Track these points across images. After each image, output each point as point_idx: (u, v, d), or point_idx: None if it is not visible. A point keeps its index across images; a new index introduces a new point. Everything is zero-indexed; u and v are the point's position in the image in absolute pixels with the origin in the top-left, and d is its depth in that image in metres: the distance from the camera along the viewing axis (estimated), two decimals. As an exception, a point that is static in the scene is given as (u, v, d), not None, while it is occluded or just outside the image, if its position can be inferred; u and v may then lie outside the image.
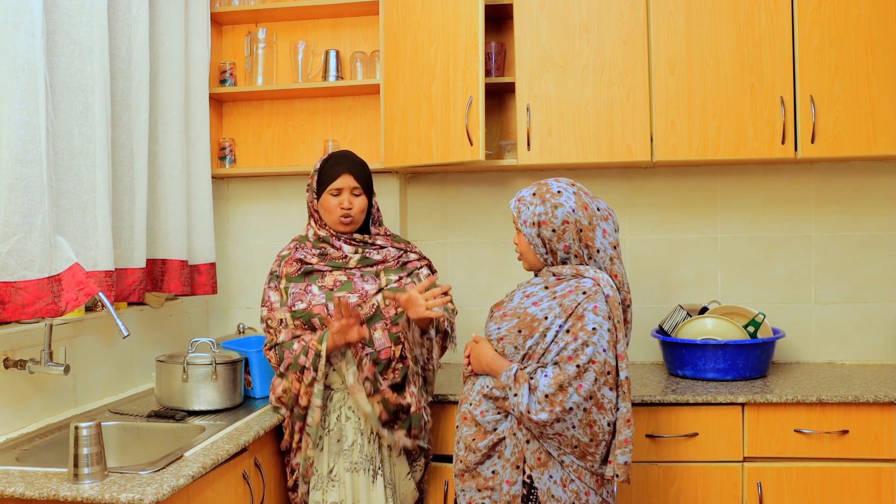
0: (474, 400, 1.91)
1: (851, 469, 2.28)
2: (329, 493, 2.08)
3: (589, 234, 1.88)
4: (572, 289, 1.84)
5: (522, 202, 1.94)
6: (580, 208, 1.88)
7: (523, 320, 1.86)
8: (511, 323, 1.87)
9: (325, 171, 2.23)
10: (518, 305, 1.90)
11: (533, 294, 1.90)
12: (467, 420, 1.92)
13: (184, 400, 2.20)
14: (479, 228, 2.98)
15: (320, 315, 2.13)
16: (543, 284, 1.91)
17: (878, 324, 2.80)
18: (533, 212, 1.90)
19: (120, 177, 2.24)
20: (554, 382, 1.76)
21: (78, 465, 1.58)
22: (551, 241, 1.89)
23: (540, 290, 1.89)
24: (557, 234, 1.88)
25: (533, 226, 1.90)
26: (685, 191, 2.87)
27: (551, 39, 2.60)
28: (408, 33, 2.61)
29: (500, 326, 1.90)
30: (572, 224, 1.87)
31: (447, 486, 2.36)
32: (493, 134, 2.92)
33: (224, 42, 3.03)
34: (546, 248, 1.91)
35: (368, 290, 2.16)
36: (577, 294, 1.83)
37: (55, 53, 1.95)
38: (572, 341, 1.78)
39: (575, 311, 1.81)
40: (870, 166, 2.80)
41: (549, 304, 1.84)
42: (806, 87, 2.50)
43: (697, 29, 2.54)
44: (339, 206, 2.19)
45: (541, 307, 1.85)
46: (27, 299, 1.81)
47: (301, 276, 2.19)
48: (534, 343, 1.83)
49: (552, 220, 1.88)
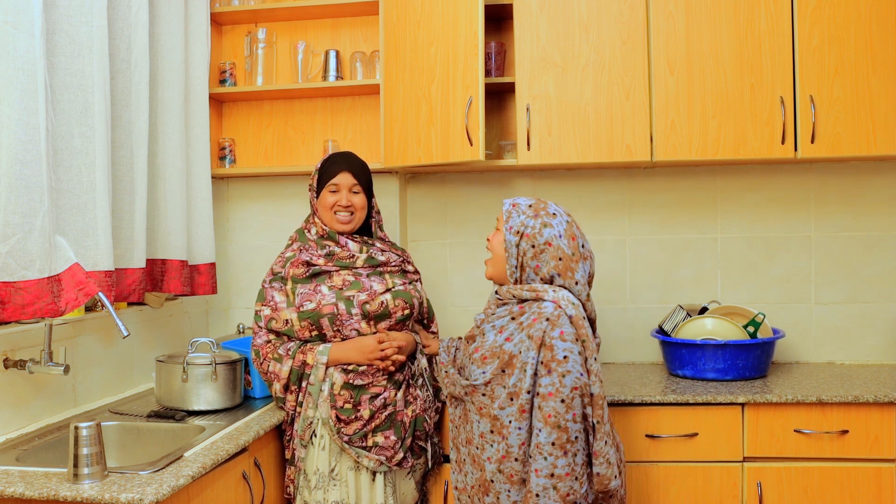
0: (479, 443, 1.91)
1: (851, 469, 2.27)
2: (331, 492, 2.09)
3: (570, 264, 1.88)
4: (536, 316, 1.83)
5: (517, 208, 1.93)
6: (567, 237, 1.89)
7: (502, 360, 1.85)
8: (493, 364, 1.87)
9: (325, 168, 2.24)
10: (493, 344, 1.89)
11: (504, 328, 1.89)
12: (476, 464, 1.92)
13: (184, 400, 2.20)
14: (479, 228, 2.98)
15: (330, 314, 2.12)
16: (509, 316, 1.90)
17: (878, 324, 2.80)
18: (522, 221, 1.90)
19: (120, 177, 2.24)
20: (551, 429, 1.78)
21: (78, 465, 1.58)
22: (526, 256, 1.88)
23: (509, 322, 1.89)
24: (536, 251, 1.87)
25: (517, 234, 1.89)
26: (685, 191, 2.87)
27: (551, 39, 2.60)
28: (408, 33, 2.61)
29: (484, 370, 1.88)
30: (554, 248, 1.87)
31: (447, 486, 2.36)
32: (492, 134, 2.92)
33: (224, 42, 3.03)
34: (517, 262, 1.90)
35: (377, 290, 2.17)
36: (541, 322, 1.82)
37: (55, 53, 1.95)
38: (546, 374, 1.79)
39: (543, 341, 1.81)
40: (870, 166, 2.80)
41: (520, 338, 1.84)
42: (806, 87, 2.50)
43: (697, 29, 2.54)
44: (336, 203, 2.21)
45: (513, 342, 1.85)
46: (27, 299, 1.81)
47: (309, 278, 2.18)
48: (516, 380, 1.83)
49: (536, 237, 1.87)
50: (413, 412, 2.16)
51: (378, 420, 2.09)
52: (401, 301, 2.18)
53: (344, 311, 2.11)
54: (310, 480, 2.11)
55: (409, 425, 2.15)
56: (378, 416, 2.10)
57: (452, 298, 2.99)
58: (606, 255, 2.89)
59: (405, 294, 2.20)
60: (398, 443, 2.12)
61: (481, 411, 1.89)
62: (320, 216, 2.25)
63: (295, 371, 2.10)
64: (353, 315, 2.12)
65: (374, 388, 2.11)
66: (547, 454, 1.77)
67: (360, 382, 2.09)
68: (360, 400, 2.09)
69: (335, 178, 2.21)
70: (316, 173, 2.27)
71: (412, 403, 2.17)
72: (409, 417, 2.15)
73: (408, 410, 2.15)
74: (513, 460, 1.83)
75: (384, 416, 2.10)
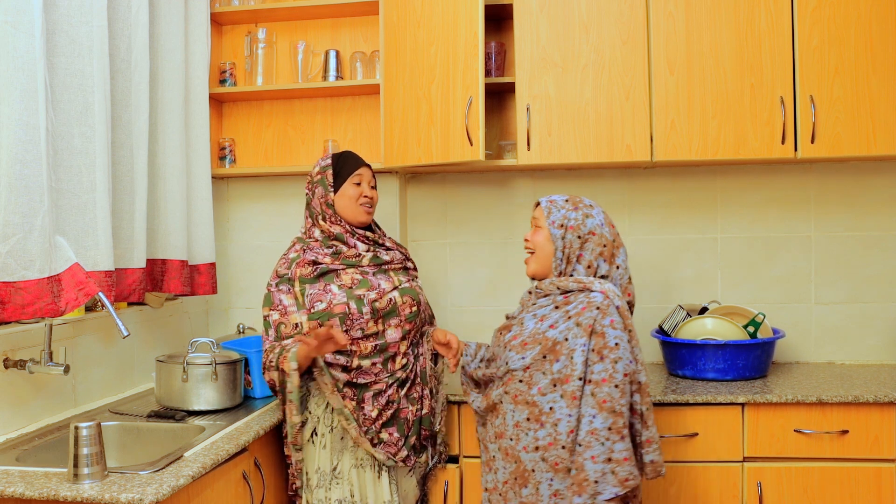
0: (513, 434, 1.89)
1: (851, 469, 2.28)
2: (333, 490, 2.08)
3: (613, 250, 1.94)
4: (585, 305, 1.86)
5: (554, 204, 1.97)
6: (607, 225, 1.96)
7: (545, 346, 1.86)
8: (534, 350, 1.87)
9: (343, 164, 2.24)
10: (535, 330, 1.89)
11: (546, 316, 1.90)
12: (509, 456, 1.90)
13: (184, 400, 2.20)
14: (479, 228, 2.98)
15: (342, 314, 2.09)
16: (553, 304, 1.91)
17: (878, 324, 2.80)
18: (564, 214, 1.94)
19: (120, 177, 2.24)
20: (607, 414, 1.79)
21: (78, 465, 1.58)
22: (572, 248, 1.92)
23: (552, 311, 1.90)
24: (581, 241, 1.92)
25: (561, 227, 1.93)
26: (685, 191, 2.87)
27: (551, 39, 2.60)
28: (408, 33, 2.61)
29: (523, 355, 1.88)
30: (598, 237, 1.92)
31: (447, 487, 2.36)
32: (492, 134, 2.92)
33: (224, 42, 3.03)
34: (563, 254, 1.93)
35: (385, 288, 2.16)
36: (591, 310, 1.84)
37: (55, 53, 1.95)
38: (599, 361, 1.81)
39: (594, 328, 1.83)
40: (870, 166, 2.80)
41: (567, 325, 1.85)
42: (806, 87, 2.50)
43: (697, 29, 2.54)
44: (361, 195, 2.21)
45: (558, 329, 1.86)
46: (27, 299, 1.81)
47: (316, 278, 2.15)
48: (562, 366, 1.83)
49: (580, 227, 1.92)
50: (417, 411, 2.16)
51: (384, 418, 2.10)
52: (408, 298, 2.18)
53: (355, 311, 2.09)
54: (311, 480, 2.10)
55: (413, 424, 2.15)
56: (384, 413, 2.10)
57: (452, 298, 2.99)
58: (606, 255, 2.89)
59: (411, 291, 2.20)
60: (401, 440, 2.12)
61: (516, 399, 1.88)
62: (341, 210, 2.20)
63: (279, 381, 2.06)
64: (364, 314, 2.10)
65: (376, 386, 2.10)
66: (604, 439, 1.78)
67: (363, 381, 2.09)
68: (363, 398, 2.09)
69: (359, 170, 2.23)
70: (327, 169, 2.23)
71: (417, 402, 2.17)
72: (413, 416, 2.15)
73: (412, 409, 2.15)
74: (560, 448, 1.81)
75: (389, 414, 2.10)
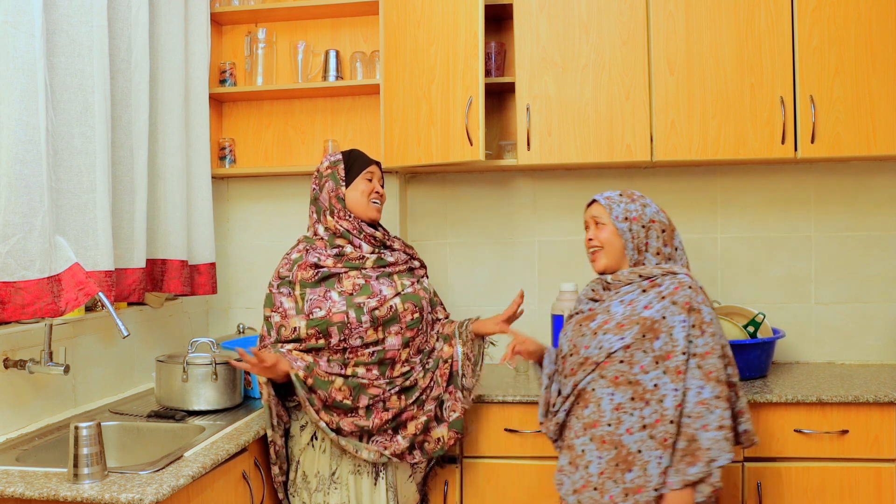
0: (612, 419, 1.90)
1: (851, 469, 2.27)
2: (331, 495, 2.07)
3: (672, 234, 2.03)
4: (677, 285, 1.92)
5: (611, 200, 2.03)
6: (661, 211, 2.04)
7: (643, 325, 1.89)
8: (633, 330, 1.90)
9: (354, 159, 2.23)
10: (629, 313, 1.93)
11: (635, 300, 1.94)
12: (607, 444, 1.90)
13: (184, 400, 2.20)
14: (479, 228, 2.98)
15: (340, 323, 2.07)
16: (639, 289, 1.96)
17: (878, 324, 2.80)
18: (625, 208, 2.01)
19: (120, 177, 2.24)
20: (714, 384, 1.85)
21: (78, 465, 1.58)
22: (639, 238, 1.99)
23: (640, 295, 1.95)
24: (646, 229, 2.00)
25: (625, 220, 2.00)
26: (685, 191, 2.87)
27: (551, 39, 2.60)
28: (408, 33, 2.61)
29: (622, 336, 1.91)
30: (657, 224, 2.01)
31: (447, 487, 2.36)
32: (492, 134, 2.92)
33: (224, 42, 3.03)
34: (633, 245, 2.00)
35: (386, 295, 2.13)
36: (683, 289, 1.91)
37: (55, 53, 1.95)
38: (700, 335, 1.88)
39: (691, 305, 1.90)
40: (870, 166, 2.80)
41: (662, 304, 1.90)
42: (806, 87, 2.50)
43: (697, 29, 2.54)
44: (373, 191, 2.21)
45: (654, 308, 1.91)
46: (27, 299, 1.81)
47: (318, 282, 2.13)
48: (662, 344, 1.88)
49: (642, 217, 2.00)
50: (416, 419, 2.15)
51: (379, 423, 2.09)
52: (410, 304, 2.15)
53: (354, 320, 2.07)
54: (310, 483, 2.10)
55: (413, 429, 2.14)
56: (379, 417, 2.09)
57: (453, 298, 2.99)
58: (606, 255, 2.89)
59: (414, 297, 2.17)
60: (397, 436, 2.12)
61: (617, 381, 1.90)
62: (352, 205, 2.18)
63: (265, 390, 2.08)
64: (363, 322, 2.08)
65: (373, 389, 2.09)
66: (713, 408, 1.84)
67: (363, 381, 2.09)
68: (358, 397, 2.08)
69: (370, 166, 2.23)
70: (338, 164, 2.22)
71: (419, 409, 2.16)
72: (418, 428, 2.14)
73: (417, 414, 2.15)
74: (668, 423, 1.84)
75: (386, 420, 2.09)
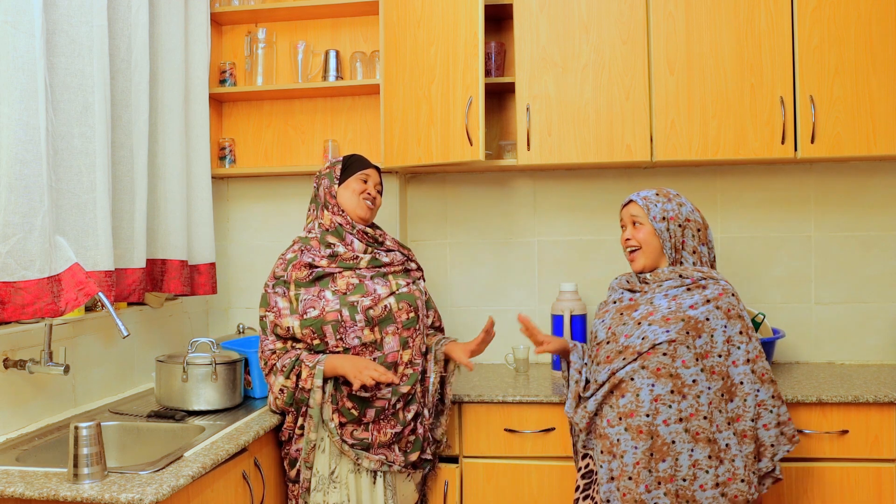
0: (651, 410, 1.94)
1: (851, 469, 2.28)
2: (330, 494, 2.07)
3: (705, 233, 2.09)
4: (721, 291, 2.00)
5: (648, 200, 2.08)
6: (696, 210, 2.10)
7: (689, 322, 1.96)
8: (678, 326, 1.96)
9: (352, 161, 2.26)
10: (675, 308, 1.99)
11: (678, 297, 2.01)
12: (643, 433, 1.93)
13: (183, 400, 2.20)
14: (479, 228, 2.98)
15: (334, 322, 2.08)
16: (684, 287, 2.02)
17: (878, 324, 2.80)
18: (662, 208, 2.06)
19: (120, 177, 2.24)
20: (768, 385, 1.98)
21: (78, 465, 1.58)
22: (676, 236, 2.05)
23: (684, 293, 2.01)
24: (682, 228, 2.06)
25: (663, 220, 2.05)
26: (685, 191, 2.87)
27: (551, 39, 2.60)
28: (408, 33, 2.61)
29: (667, 329, 1.96)
30: (693, 223, 2.07)
31: (447, 487, 2.36)
32: (492, 134, 2.92)
33: (224, 42, 3.03)
34: (671, 244, 2.05)
35: (381, 294, 2.14)
36: (727, 297, 2.01)
37: (55, 53, 1.95)
38: (749, 340, 1.98)
39: (736, 313, 1.99)
40: (870, 166, 2.80)
41: (707, 308, 1.98)
42: (806, 87, 2.50)
43: (697, 29, 2.54)
44: (365, 191, 2.22)
45: (699, 310, 1.97)
46: (27, 299, 1.81)
47: (312, 282, 2.13)
48: (703, 343, 1.95)
49: (679, 216, 2.06)
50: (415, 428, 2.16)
51: (383, 436, 2.09)
52: (405, 304, 2.16)
53: (348, 318, 2.08)
54: (309, 482, 2.10)
55: (415, 442, 2.15)
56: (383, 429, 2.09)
57: (453, 298, 2.99)
58: (607, 256, 2.89)
59: (409, 297, 2.18)
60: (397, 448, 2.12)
61: (658, 372, 1.94)
62: (343, 201, 2.20)
63: (289, 391, 2.06)
64: (357, 322, 2.09)
65: (378, 402, 2.09)
66: (771, 407, 1.98)
67: (366, 394, 2.07)
68: (364, 411, 2.08)
69: (367, 169, 2.25)
70: (337, 164, 2.25)
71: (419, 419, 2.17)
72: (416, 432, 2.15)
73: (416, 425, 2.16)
74: (701, 418, 1.92)
75: (391, 435, 2.10)
